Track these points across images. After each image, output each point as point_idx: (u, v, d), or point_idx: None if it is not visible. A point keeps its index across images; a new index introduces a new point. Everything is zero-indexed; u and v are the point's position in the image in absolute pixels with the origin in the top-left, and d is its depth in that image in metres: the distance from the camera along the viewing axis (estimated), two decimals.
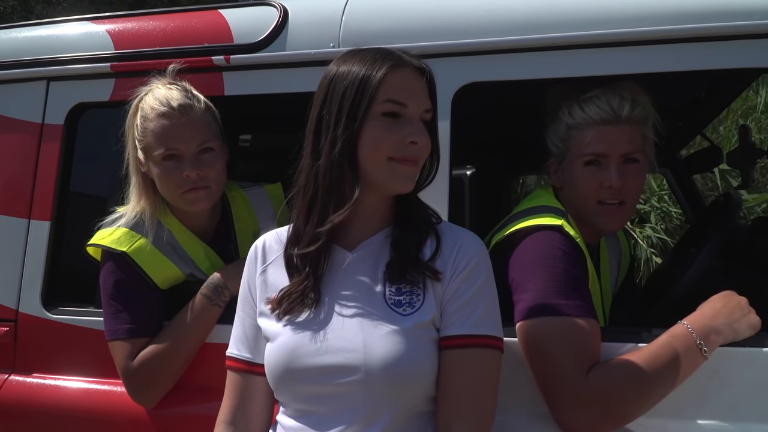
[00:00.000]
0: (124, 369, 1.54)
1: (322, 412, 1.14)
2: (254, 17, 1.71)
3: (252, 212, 1.75)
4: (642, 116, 1.50)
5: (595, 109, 1.48)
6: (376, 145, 1.15)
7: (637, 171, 1.51)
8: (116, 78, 1.77)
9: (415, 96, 1.16)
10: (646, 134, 1.53)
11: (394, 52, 1.19)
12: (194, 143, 1.53)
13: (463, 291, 1.17)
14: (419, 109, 1.17)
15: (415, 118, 1.16)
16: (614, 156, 1.49)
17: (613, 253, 1.82)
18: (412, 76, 1.17)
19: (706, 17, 1.42)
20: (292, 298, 1.19)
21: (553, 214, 1.46)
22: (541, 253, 1.37)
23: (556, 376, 1.28)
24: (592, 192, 1.50)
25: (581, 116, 1.50)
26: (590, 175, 1.50)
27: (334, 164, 1.15)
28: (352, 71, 1.16)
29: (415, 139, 1.15)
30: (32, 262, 1.76)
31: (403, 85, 1.16)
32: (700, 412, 1.34)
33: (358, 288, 1.19)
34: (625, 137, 1.49)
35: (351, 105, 1.15)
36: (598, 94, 1.49)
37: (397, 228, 1.23)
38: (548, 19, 1.51)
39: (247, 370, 1.27)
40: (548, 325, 1.30)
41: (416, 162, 1.18)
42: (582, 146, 1.50)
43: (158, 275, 1.60)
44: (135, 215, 1.59)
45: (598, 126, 1.48)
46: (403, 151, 1.15)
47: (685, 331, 1.29)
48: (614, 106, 1.47)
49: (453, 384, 1.14)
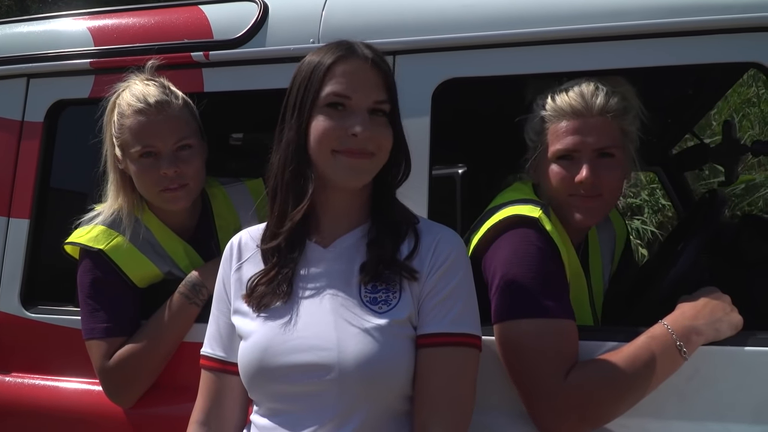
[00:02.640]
0: (101, 368, 1.52)
1: (295, 411, 1.13)
2: (234, 13, 1.69)
3: (233, 209, 1.74)
4: (619, 107, 1.41)
5: (566, 99, 1.41)
6: (320, 137, 1.14)
7: (614, 166, 1.42)
8: (96, 75, 1.75)
9: (361, 87, 1.14)
10: (624, 127, 1.44)
11: (347, 44, 1.17)
12: (171, 140, 1.51)
13: (441, 288, 1.15)
14: (367, 100, 1.14)
15: (359, 109, 1.13)
16: (586, 151, 1.40)
17: (606, 245, 1.74)
18: (360, 68, 1.15)
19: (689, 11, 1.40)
20: (262, 286, 1.18)
21: (532, 206, 1.42)
22: (517, 252, 1.35)
23: (534, 379, 1.27)
24: (564, 188, 1.43)
25: (552, 107, 1.43)
26: (562, 170, 1.43)
27: (289, 159, 1.16)
28: (305, 64, 1.17)
29: (355, 131, 1.12)
30: (11, 260, 1.75)
31: (347, 76, 1.14)
32: (680, 412, 1.32)
33: (334, 286, 1.17)
34: (598, 130, 1.40)
35: (301, 98, 1.15)
36: (572, 84, 1.43)
37: (374, 226, 1.22)
38: (530, 13, 1.49)
39: (221, 369, 1.25)
40: (524, 327, 1.29)
41: (361, 155, 1.14)
42: (554, 140, 1.43)
43: (136, 273, 1.58)
44: (112, 213, 1.57)
45: (569, 119, 1.41)
46: (346, 143, 1.13)
47: (664, 331, 1.28)
48: (586, 96, 1.39)
49: (430, 383, 1.12)
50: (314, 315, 1.15)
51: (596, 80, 1.42)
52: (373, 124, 1.14)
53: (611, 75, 1.45)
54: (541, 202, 1.45)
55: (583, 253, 1.62)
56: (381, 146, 1.16)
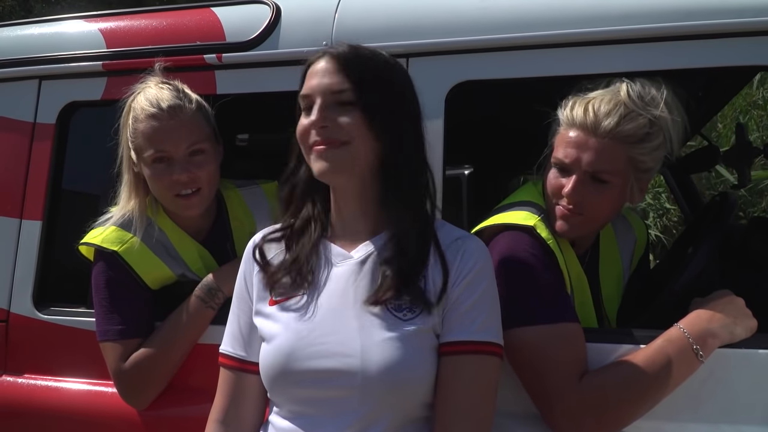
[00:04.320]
0: (116, 370, 1.53)
1: (316, 415, 1.13)
2: (247, 15, 1.69)
3: (248, 211, 1.74)
4: (636, 134, 1.32)
5: (580, 111, 1.36)
6: (299, 138, 1.19)
7: (603, 191, 1.36)
8: (108, 77, 1.75)
9: (317, 84, 1.15)
10: (634, 156, 1.35)
11: (323, 48, 1.21)
12: (183, 145, 1.51)
13: (466, 297, 1.15)
14: (325, 93, 1.15)
15: (318, 102, 1.15)
16: (578, 167, 1.36)
17: (626, 250, 1.69)
18: (322, 66, 1.16)
19: (702, 14, 1.41)
20: (283, 276, 1.20)
21: (530, 212, 1.42)
22: (510, 257, 1.34)
23: (546, 386, 1.27)
24: (553, 194, 1.42)
25: (567, 115, 1.39)
26: (556, 177, 1.41)
27: (297, 162, 1.24)
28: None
29: (310, 122, 1.15)
30: (24, 262, 1.75)
31: (311, 77, 1.17)
32: (695, 415, 1.32)
33: (358, 290, 1.17)
34: (598, 152, 1.33)
35: (297, 103, 1.21)
36: (598, 95, 1.37)
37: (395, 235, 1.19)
38: (543, 16, 1.49)
39: (240, 369, 1.25)
40: (527, 336, 1.29)
41: (327, 143, 1.13)
42: (558, 146, 1.41)
43: (149, 275, 1.58)
44: (125, 214, 1.58)
45: (576, 130, 1.36)
46: (314, 137, 1.15)
47: (680, 334, 1.28)
48: (599, 114, 1.33)
49: (453, 390, 1.12)
50: (338, 320, 1.14)
51: (622, 97, 1.34)
52: (336, 112, 1.14)
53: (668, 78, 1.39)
54: (540, 207, 1.45)
55: (591, 258, 1.61)
56: (351, 134, 1.13)
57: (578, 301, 1.43)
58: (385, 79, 1.19)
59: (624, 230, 1.71)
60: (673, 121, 1.36)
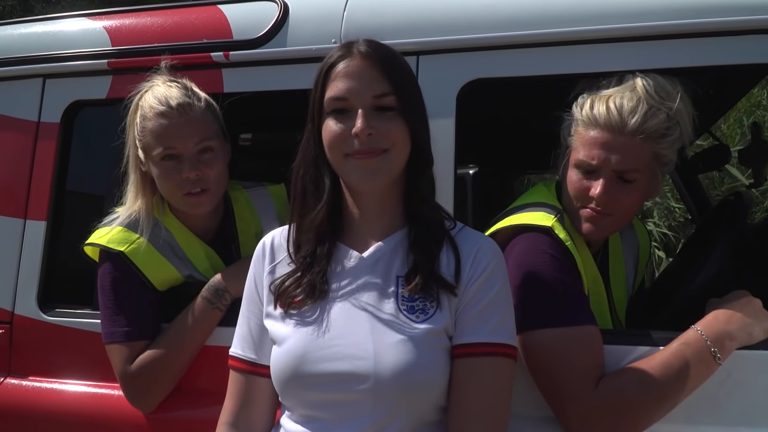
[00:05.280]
0: (122, 373, 1.50)
1: (328, 418, 1.11)
2: (254, 13, 1.67)
3: (255, 213, 1.72)
4: (658, 129, 1.31)
5: (602, 110, 1.33)
6: (329, 145, 1.14)
7: (632, 189, 1.36)
8: (113, 75, 1.73)
9: (356, 87, 1.11)
10: (658, 151, 1.34)
11: (345, 44, 1.16)
12: (193, 143, 1.49)
13: (479, 298, 1.14)
14: (365, 97, 1.11)
15: (356, 109, 1.11)
16: (606, 168, 1.34)
17: (630, 252, 1.70)
18: (355, 67, 1.13)
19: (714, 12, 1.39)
20: (291, 285, 1.17)
21: (546, 212, 1.40)
22: (529, 258, 1.32)
23: (563, 390, 1.25)
24: (577, 197, 1.40)
25: (588, 114, 1.36)
26: (580, 179, 1.38)
27: (307, 165, 1.18)
28: (318, 67, 1.17)
29: (355, 131, 1.10)
30: (28, 262, 1.73)
31: (342, 78, 1.12)
32: (712, 418, 1.30)
33: (370, 292, 1.15)
34: (625, 151, 1.32)
35: (311, 105, 1.17)
36: (616, 92, 1.35)
37: (411, 233, 1.19)
38: (555, 13, 1.47)
39: (250, 371, 1.23)
40: (544, 338, 1.27)
41: (370, 153, 1.11)
42: (579, 146, 1.38)
43: (156, 276, 1.56)
44: (131, 214, 1.56)
45: (600, 130, 1.34)
46: (353, 145, 1.11)
47: (698, 337, 1.26)
48: (624, 112, 1.31)
49: (467, 392, 1.11)
50: (350, 322, 1.13)
51: (648, 90, 1.33)
52: (378, 119, 1.11)
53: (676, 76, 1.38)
54: (557, 208, 1.43)
55: (602, 260, 1.59)
56: (393, 141, 1.12)
57: (594, 302, 1.41)
58: (413, 79, 1.19)
59: (627, 233, 1.70)
60: (687, 113, 1.36)
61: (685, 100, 1.36)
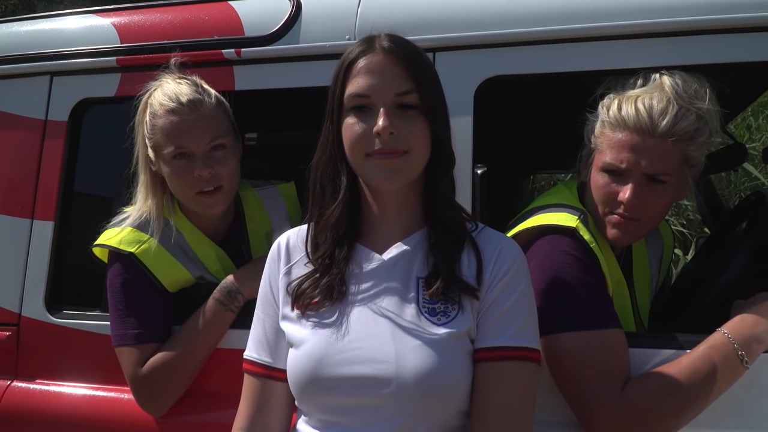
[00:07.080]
0: (133, 376, 1.47)
1: (347, 423, 1.08)
2: (266, 9, 1.65)
3: (265, 212, 1.69)
4: (688, 131, 1.27)
5: (631, 111, 1.28)
6: (349, 143, 1.11)
7: (661, 193, 1.31)
8: (122, 72, 1.71)
9: (378, 84, 1.08)
10: (688, 153, 1.30)
11: (366, 38, 1.13)
12: (205, 140, 1.46)
13: (502, 302, 1.11)
14: (387, 95, 1.08)
15: (380, 106, 1.08)
16: (636, 171, 1.30)
17: (654, 254, 1.66)
18: (377, 63, 1.09)
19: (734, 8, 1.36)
20: (308, 287, 1.14)
21: (570, 213, 1.36)
22: (551, 260, 1.29)
23: (588, 396, 1.22)
24: (604, 200, 1.35)
25: (615, 115, 1.31)
26: (607, 183, 1.34)
27: (324, 164, 1.15)
28: (336, 65, 1.13)
29: (377, 129, 1.06)
30: (35, 264, 1.70)
31: (364, 74, 1.09)
32: (739, 422, 1.28)
33: (390, 294, 1.12)
34: (655, 154, 1.27)
35: (330, 102, 1.13)
36: (643, 92, 1.30)
37: (432, 233, 1.16)
38: (575, 9, 1.45)
39: (266, 375, 1.20)
40: (569, 342, 1.24)
41: (391, 154, 1.08)
42: (607, 148, 1.33)
43: (167, 278, 1.53)
44: (142, 215, 1.53)
45: (629, 132, 1.29)
46: (374, 144, 1.08)
47: (725, 340, 1.23)
48: (654, 114, 1.26)
49: (491, 397, 1.07)
50: (370, 325, 1.10)
51: (672, 93, 1.29)
52: (400, 118, 1.08)
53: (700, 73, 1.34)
54: (580, 209, 1.39)
55: (626, 262, 1.56)
56: (413, 141, 1.09)
57: (617, 305, 1.38)
58: (436, 77, 1.15)
59: (652, 234, 1.66)
60: (715, 112, 1.32)
61: (713, 99, 1.32)
